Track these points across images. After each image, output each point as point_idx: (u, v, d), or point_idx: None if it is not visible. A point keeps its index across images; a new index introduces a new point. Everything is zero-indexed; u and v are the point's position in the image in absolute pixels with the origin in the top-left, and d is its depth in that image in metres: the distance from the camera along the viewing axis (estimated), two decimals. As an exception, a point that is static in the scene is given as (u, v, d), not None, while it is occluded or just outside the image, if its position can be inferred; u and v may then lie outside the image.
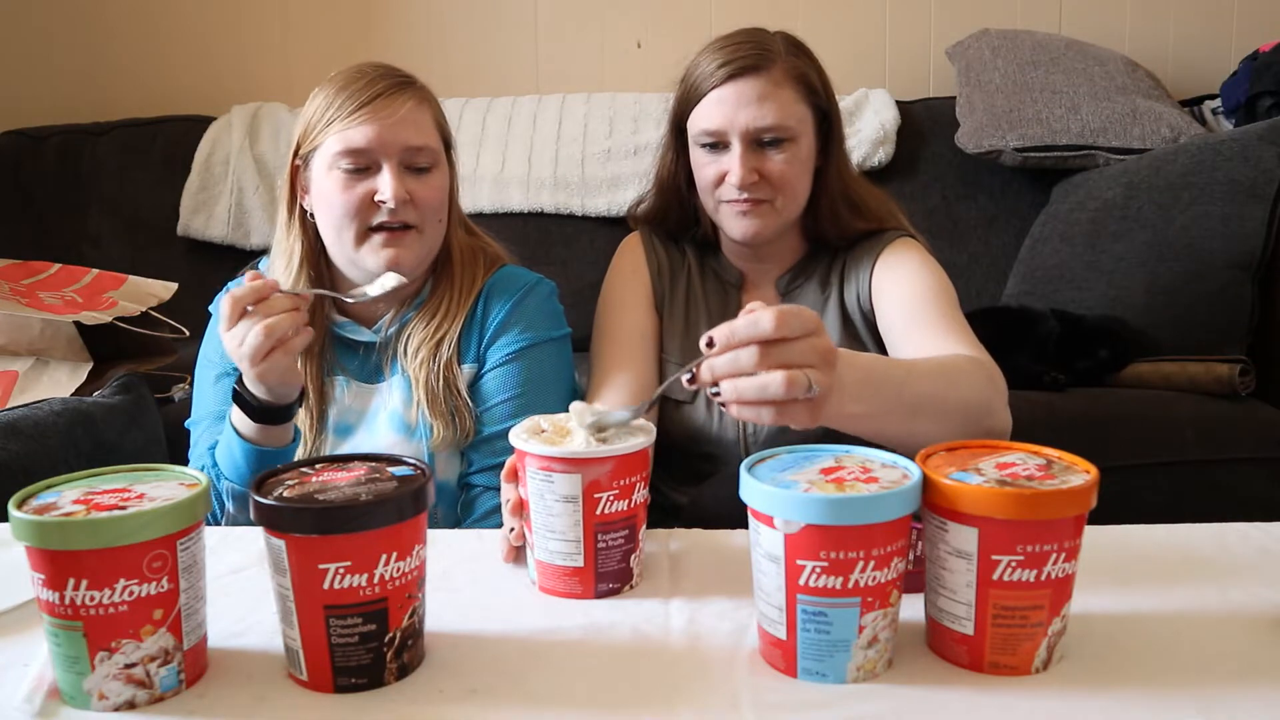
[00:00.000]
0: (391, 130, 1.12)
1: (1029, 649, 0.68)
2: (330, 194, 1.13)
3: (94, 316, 1.70)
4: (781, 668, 0.69)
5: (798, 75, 1.23)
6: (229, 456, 1.09)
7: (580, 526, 0.80)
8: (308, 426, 1.17)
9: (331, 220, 1.14)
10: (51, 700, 0.68)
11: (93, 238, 2.29)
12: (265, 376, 1.01)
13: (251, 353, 0.98)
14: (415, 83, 1.18)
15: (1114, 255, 1.81)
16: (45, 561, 0.65)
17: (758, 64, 1.21)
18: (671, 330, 1.33)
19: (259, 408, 1.05)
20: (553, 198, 2.20)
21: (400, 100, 1.14)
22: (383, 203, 1.12)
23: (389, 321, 1.20)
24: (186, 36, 2.55)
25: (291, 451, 1.11)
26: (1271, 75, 2.04)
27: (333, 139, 1.13)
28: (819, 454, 0.75)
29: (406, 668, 0.70)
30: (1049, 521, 0.66)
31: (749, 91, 1.20)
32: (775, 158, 1.22)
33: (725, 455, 1.27)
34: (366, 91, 1.13)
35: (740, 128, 1.21)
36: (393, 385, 1.19)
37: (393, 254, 1.13)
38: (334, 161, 1.13)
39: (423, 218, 1.15)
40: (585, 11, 2.48)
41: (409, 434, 1.16)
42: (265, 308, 0.99)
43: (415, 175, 1.15)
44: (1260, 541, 0.90)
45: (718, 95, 1.22)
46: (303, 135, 1.17)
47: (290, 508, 0.66)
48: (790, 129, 1.22)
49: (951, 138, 2.15)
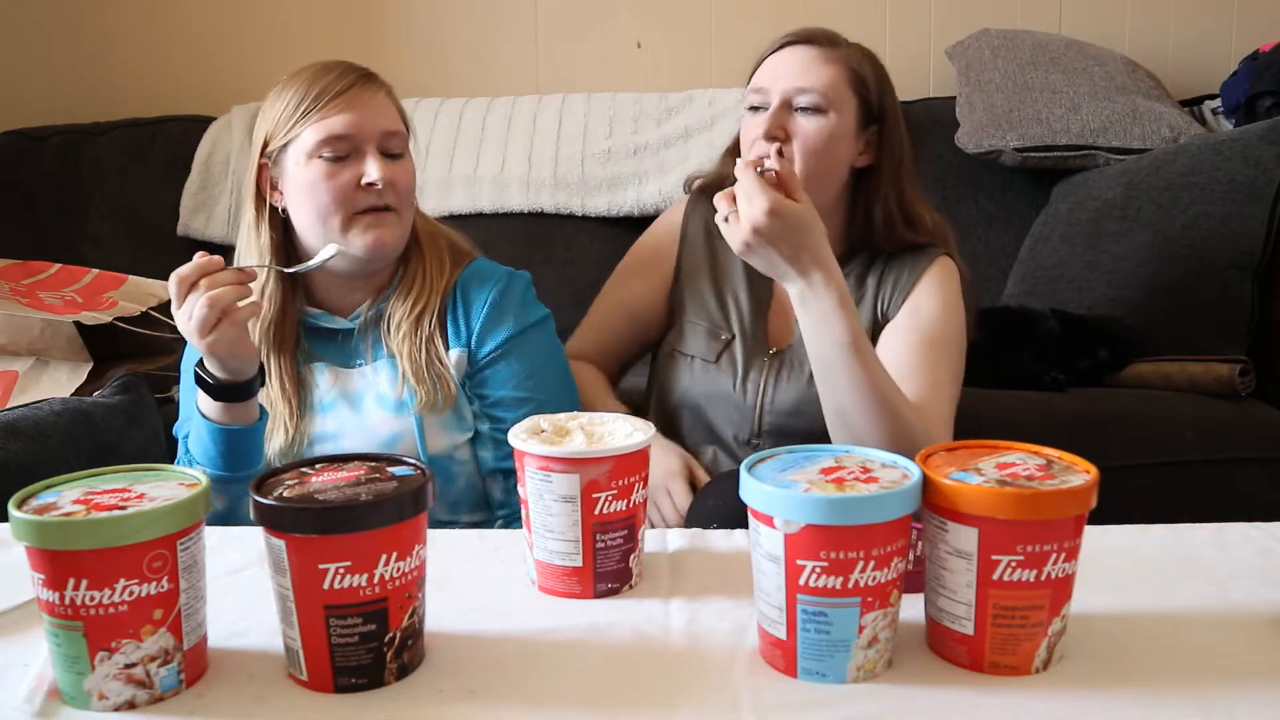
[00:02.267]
0: (370, 118, 1.18)
1: (1029, 649, 0.68)
2: (313, 183, 1.17)
3: (94, 316, 1.70)
4: (781, 668, 0.69)
5: (851, 65, 1.29)
6: (199, 441, 1.13)
7: (579, 526, 0.80)
8: (287, 414, 1.20)
9: (316, 209, 1.18)
10: (51, 700, 0.68)
11: (93, 238, 2.28)
12: (215, 348, 1.05)
13: (199, 325, 1.03)
14: (378, 76, 1.24)
15: (1114, 255, 1.81)
16: (45, 561, 0.65)
17: (816, 39, 1.29)
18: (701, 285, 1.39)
19: (217, 386, 1.09)
20: (553, 198, 2.20)
21: (373, 90, 1.21)
22: (370, 184, 1.17)
23: (367, 308, 1.24)
24: (186, 36, 2.55)
25: (258, 430, 1.14)
26: (1271, 75, 2.04)
27: (311, 130, 1.17)
28: (819, 454, 0.75)
29: (406, 668, 0.70)
30: (1049, 521, 0.67)
31: (800, 57, 1.28)
32: (804, 122, 1.26)
33: (740, 421, 1.30)
34: (340, 82, 1.19)
35: (780, 88, 1.26)
36: (377, 369, 1.22)
37: (378, 234, 1.18)
38: (315, 150, 1.17)
39: (400, 200, 1.21)
40: (585, 11, 2.48)
41: (398, 410, 1.20)
42: (209, 282, 1.04)
43: (391, 160, 1.20)
44: (1260, 541, 0.90)
45: (772, 59, 1.30)
46: (271, 133, 1.21)
47: (290, 508, 0.66)
48: (827, 100, 1.26)
49: (951, 138, 2.14)
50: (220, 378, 1.09)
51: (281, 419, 1.19)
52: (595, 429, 0.84)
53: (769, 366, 1.31)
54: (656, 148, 2.20)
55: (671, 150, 2.19)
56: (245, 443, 1.12)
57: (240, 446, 1.12)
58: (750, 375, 1.31)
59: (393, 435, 1.19)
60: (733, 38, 1.28)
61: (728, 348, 1.33)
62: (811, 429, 1.22)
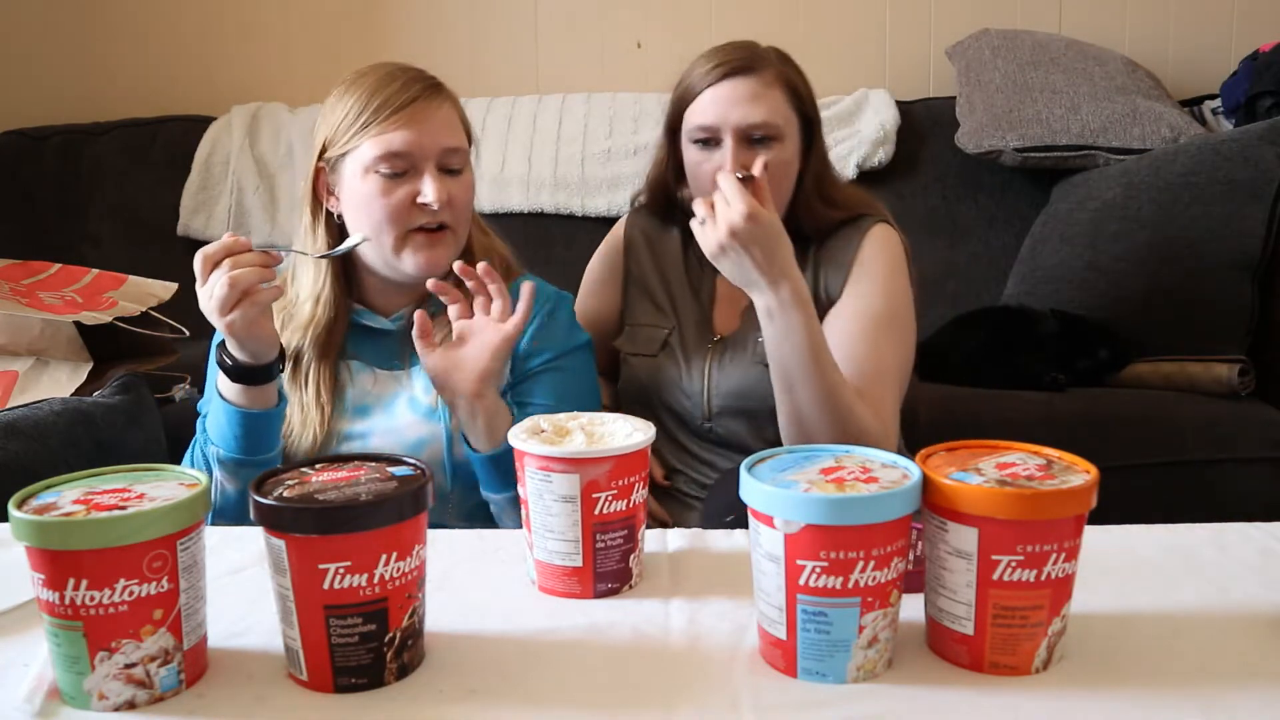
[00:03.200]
0: (431, 134, 1.15)
1: (1029, 649, 0.68)
2: (369, 198, 1.15)
3: (94, 316, 1.70)
4: (781, 668, 0.69)
5: (786, 81, 1.30)
6: (216, 422, 1.12)
7: (579, 526, 0.80)
8: (319, 421, 1.19)
9: (370, 224, 1.16)
10: (51, 700, 0.68)
11: (93, 238, 2.29)
12: (233, 328, 1.05)
13: (219, 304, 1.02)
14: (444, 86, 1.21)
15: (1114, 255, 1.81)
16: (45, 561, 0.65)
17: (750, 65, 1.28)
18: (647, 286, 1.43)
19: (236, 368, 1.08)
20: (553, 198, 2.20)
21: (436, 104, 1.17)
22: (426, 205, 1.14)
23: (409, 311, 1.22)
24: (186, 36, 2.55)
25: (276, 415, 1.13)
26: (1271, 75, 2.04)
27: (369, 143, 1.14)
28: (819, 454, 0.75)
29: (406, 668, 0.70)
30: (1049, 521, 0.67)
31: (742, 90, 1.27)
32: (762, 154, 1.26)
33: (690, 407, 1.33)
34: (403, 95, 1.15)
35: (733, 124, 1.26)
36: (413, 374, 1.22)
37: (430, 254, 1.17)
38: (372, 165, 1.15)
39: (457, 218, 1.19)
40: (585, 11, 2.48)
41: (428, 416, 1.19)
42: (233, 262, 1.03)
43: (450, 176, 1.18)
44: (1260, 541, 0.90)
45: (712, 94, 1.28)
46: (329, 138, 1.18)
47: (290, 508, 0.66)
48: (778, 128, 1.27)
49: (951, 138, 2.15)
50: (239, 359, 1.08)
51: (312, 425, 1.18)
52: (595, 429, 0.84)
53: (713, 353, 1.33)
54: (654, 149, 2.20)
55: (671, 150, 2.20)
56: (262, 426, 1.12)
57: (256, 430, 1.12)
58: (694, 362, 1.33)
59: (420, 440, 1.19)
60: (732, 38, 1.28)
61: (668, 340, 1.36)
62: (759, 409, 1.25)
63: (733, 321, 1.37)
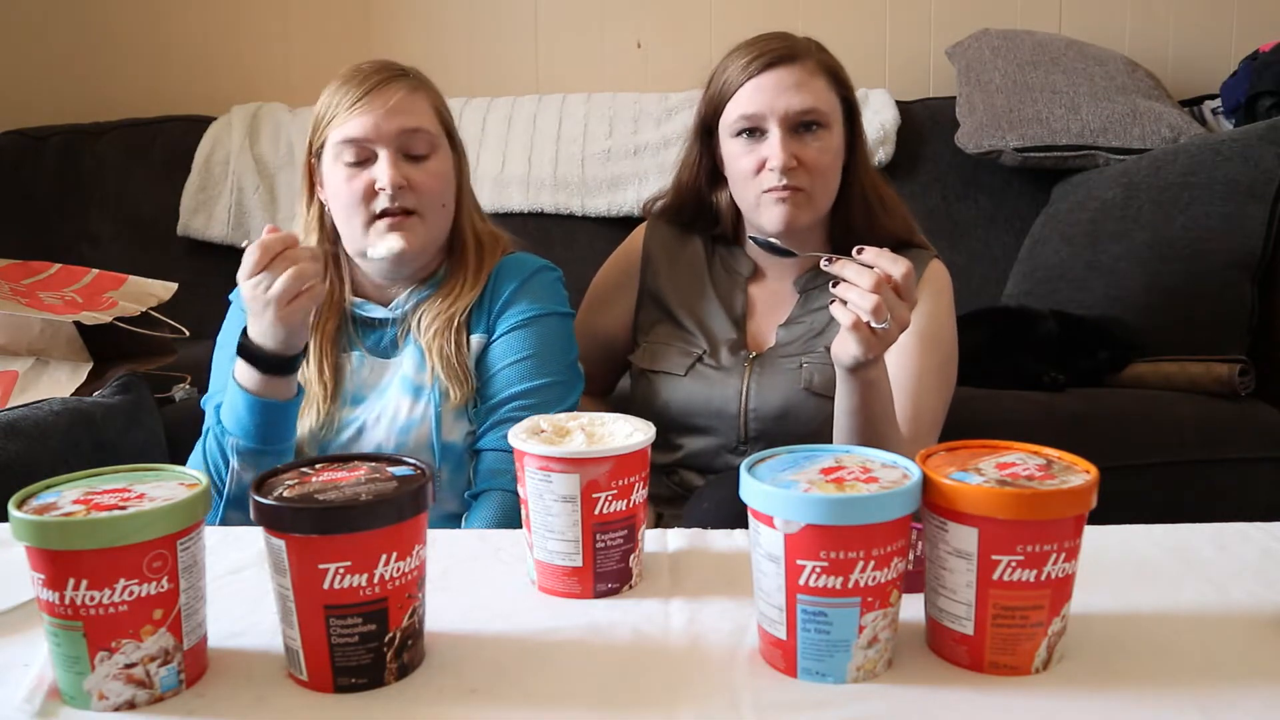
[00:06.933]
0: (385, 118, 1.18)
1: (1029, 649, 0.68)
2: (337, 185, 1.20)
3: (94, 316, 1.70)
4: (781, 668, 0.69)
5: (827, 67, 1.29)
6: (234, 413, 1.13)
7: (579, 526, 0.80)
8: (321, 397, 1.22)
9: (340, 210, 1.21)
10: (51, 700, 0.68)
11: (93, 238, 2.28)
12: (289, 319, 1.06)
13: (281, 294, 1.04)
14: (409, 73, 1.24)
15: (1114, 255, 1.81)
16: (45, 561, 0.65)
17: (792, 54, 1.27)
18: (667, 303, 1.38)
19: (266, 359, 1.09)
20: (553, 198, 2.20)
21: (393, 89, 1.20)
22: (382, 189, 1.17)
23: (404, 300, 1.26)
24: (186, 36, 2.55)
25: (294, 406, 1.14)
26: (1271, 75, 2.04)
27: (335, 132, 1.20)
28: (819, 454, 0.75)
29: (406, 668, 0.70)
30: (1049, 521, 0.66)
31: (786, 78, 1.25)
32: (812, 144, 1.26)
33: (725, 430, 1.29)
34: (362, 85, 1.20)
35: (780, 112, 1.24)
36: (404, 355, 1.24)
37: (395, 238, 1.19)
38: (338, 154, 1.19)
39: (422, 203, 1.20)
40: (585, 11, 2.48)
41: (417, 395, 1.22)
42: (294, 254, 1.05)
43: (413, 162, 1.20)
44: (1260, 541, 0.90)
45: (755, 84, 1.26)
46: (312, 132, 1.24)
47: (290, 508, 0.66)
48: (825, 115, 1.26)
49: (951, 138, 2.15)
50: (269, 350, 1.09)
51: (315, 400, 1.22)
52: (595, 429, 0.84)
53: (749, 371, 1.30)
54: (656, 148, 2.20)
55: (671, 150, 2.19)
56: (281, 416, 1.13)
57: (276, 420, 1.13)
58: (730, 383, 1.30)
59: (410, 421, 1.21)
60: (733, 38, 1.28)
61: (699, 361, 1.32)
62: (802, 432, 1.23)
63: (767, 336, 1.34)
